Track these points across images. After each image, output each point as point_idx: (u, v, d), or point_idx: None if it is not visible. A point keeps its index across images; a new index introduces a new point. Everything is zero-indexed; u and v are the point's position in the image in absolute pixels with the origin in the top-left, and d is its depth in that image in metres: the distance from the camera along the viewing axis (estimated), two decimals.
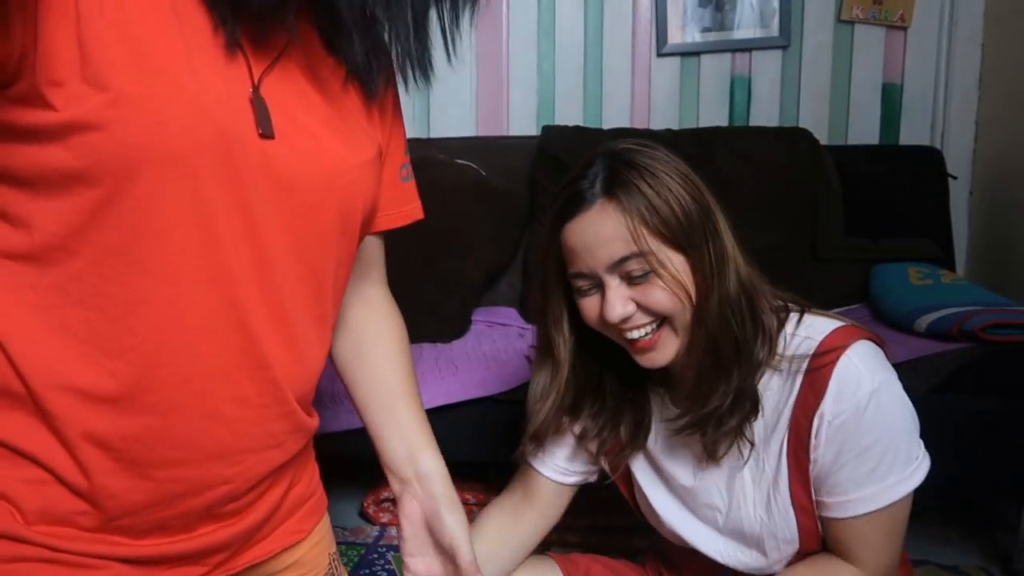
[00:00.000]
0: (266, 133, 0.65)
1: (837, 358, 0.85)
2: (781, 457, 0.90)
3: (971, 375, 1.45)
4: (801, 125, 2.25)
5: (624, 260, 0.85)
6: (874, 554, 0.89)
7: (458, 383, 1.54)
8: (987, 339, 1.50)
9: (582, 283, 0.89)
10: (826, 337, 0.87)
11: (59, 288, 0.61)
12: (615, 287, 0.86)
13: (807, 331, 0.89)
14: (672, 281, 0.85)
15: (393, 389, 0.90)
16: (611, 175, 0.87)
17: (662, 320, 0.87)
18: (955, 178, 2.19)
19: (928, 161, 2.13)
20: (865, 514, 0.87)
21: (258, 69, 0.67)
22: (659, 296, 0.85)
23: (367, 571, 1.61)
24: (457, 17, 0.76)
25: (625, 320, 0.86)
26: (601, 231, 0.86)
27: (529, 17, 2.34)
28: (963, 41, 2.26)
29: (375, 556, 1.66)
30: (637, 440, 1.00)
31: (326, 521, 0.90)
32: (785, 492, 0.90)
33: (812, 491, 0.90)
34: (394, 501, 1.78)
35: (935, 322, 1.60)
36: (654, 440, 1.00)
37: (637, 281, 0.86)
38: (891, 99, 2.32)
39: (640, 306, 0.86)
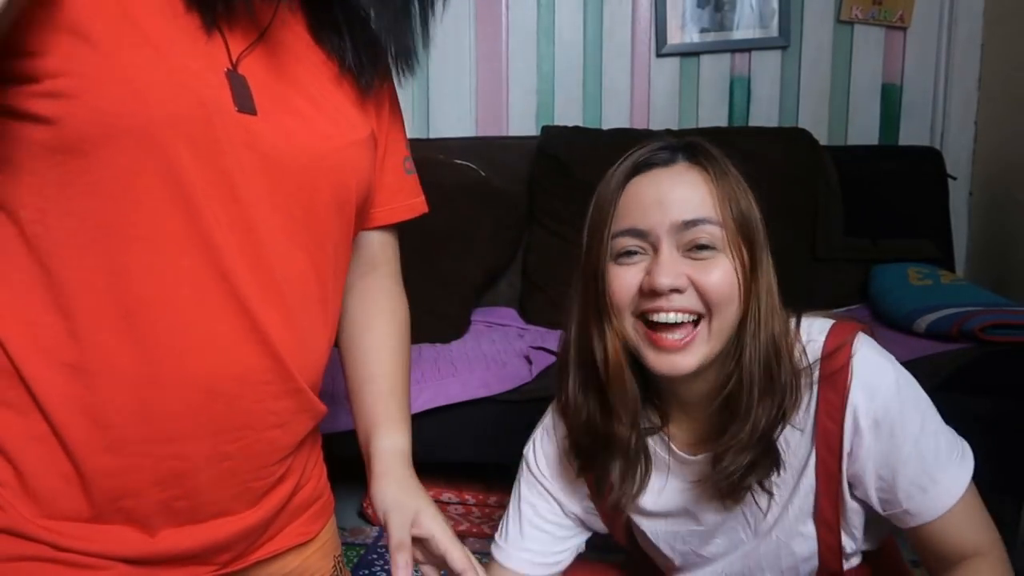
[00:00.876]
0: (244, 108, 0.66)
1: (849, 355, 0.79)
2: (806, 472, 0.83)
3: (971, 375, 1.45)
4: (801, 125, 2.25)
5: (697, 223, 0.76)
6: (986, 531, 0.81)
7: (458, 383, 1.54)
8: (986, 339, 1.51)
9: (628, 242, 0.78)
10: (827, 337, 0.82)
11: (44, 264, 0.62)
12: (670, 252, 0.76)
13: (807, 334, 0.83)
14: (739, 267, 0.76)
15: (367, 371, 0.86)
16: (695, 149, 0.80)
17: (699, 318, 0.77)
18: (955, 178, 2.19)
19: (928, 161, 2.13)
20: (958, 500, 0.79)
21: (236, 49, 0.68)
22: (719, 277, 0.76)
23: (367, 571, 1.60)
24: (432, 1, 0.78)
25: (671, 294, 0.76)
26: (680, 189, 0.77)
27: (529, 17, 2.34)
28: (963, 41, 2.26)
29: (375, 556, 1.66)
30: (628, 489, 0.86)
31: (332, 524, 0.89)
32: (808, 507, 0.84)
33: (841, 507, 0.83)
34: None
35: (935, 322, 1.60)
36: (673, 496, 0.88)
37: (700, 255, 0.76)
38: (891, 99, 2.32)
39: (693, 284, 0.76)
